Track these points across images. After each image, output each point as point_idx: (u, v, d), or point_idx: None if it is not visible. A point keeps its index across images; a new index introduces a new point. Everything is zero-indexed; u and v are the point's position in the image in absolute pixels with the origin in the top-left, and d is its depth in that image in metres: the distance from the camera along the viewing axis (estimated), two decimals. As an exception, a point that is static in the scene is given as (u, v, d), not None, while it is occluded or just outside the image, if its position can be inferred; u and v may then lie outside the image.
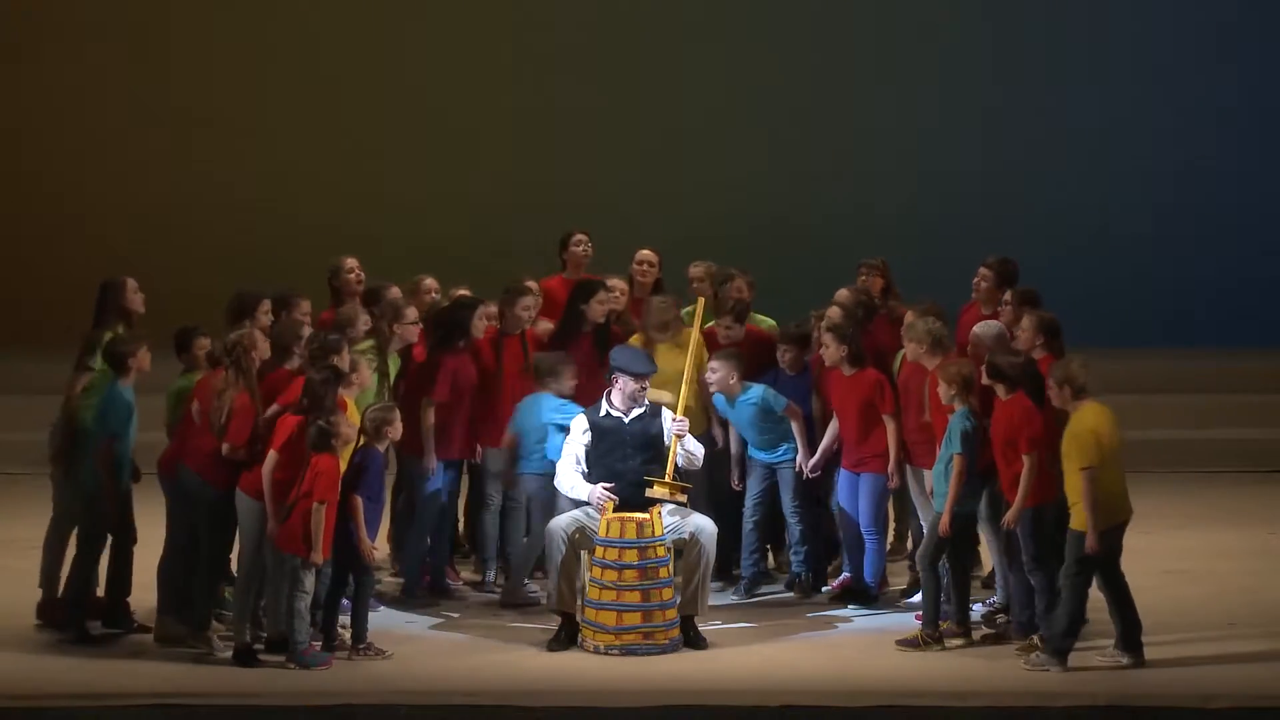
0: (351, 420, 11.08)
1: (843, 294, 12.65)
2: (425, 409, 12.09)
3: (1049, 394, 10.89)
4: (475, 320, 12.31)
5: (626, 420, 11.57)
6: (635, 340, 12.47)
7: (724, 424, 12.58)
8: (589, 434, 11.56)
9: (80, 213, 20.88)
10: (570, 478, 11.57)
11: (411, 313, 12.20)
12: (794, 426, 12.21)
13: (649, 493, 11.37)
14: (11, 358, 17.02)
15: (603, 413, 11.59)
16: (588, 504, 11.42)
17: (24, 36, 21.02)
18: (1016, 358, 11.21)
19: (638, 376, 11.53)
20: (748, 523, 12.44)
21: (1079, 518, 10.70)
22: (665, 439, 11.58)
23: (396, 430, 11.25)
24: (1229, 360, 19.24)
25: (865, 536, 12.08)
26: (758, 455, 12.41)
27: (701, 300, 12.29)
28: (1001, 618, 11.61)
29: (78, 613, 11.34)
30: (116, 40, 21.01)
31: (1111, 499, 10.72)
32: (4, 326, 19.37)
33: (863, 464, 12.07)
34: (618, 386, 11.58)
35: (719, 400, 12.31)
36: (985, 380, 11.14)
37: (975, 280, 12.75)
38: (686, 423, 11.67)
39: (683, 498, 11.47)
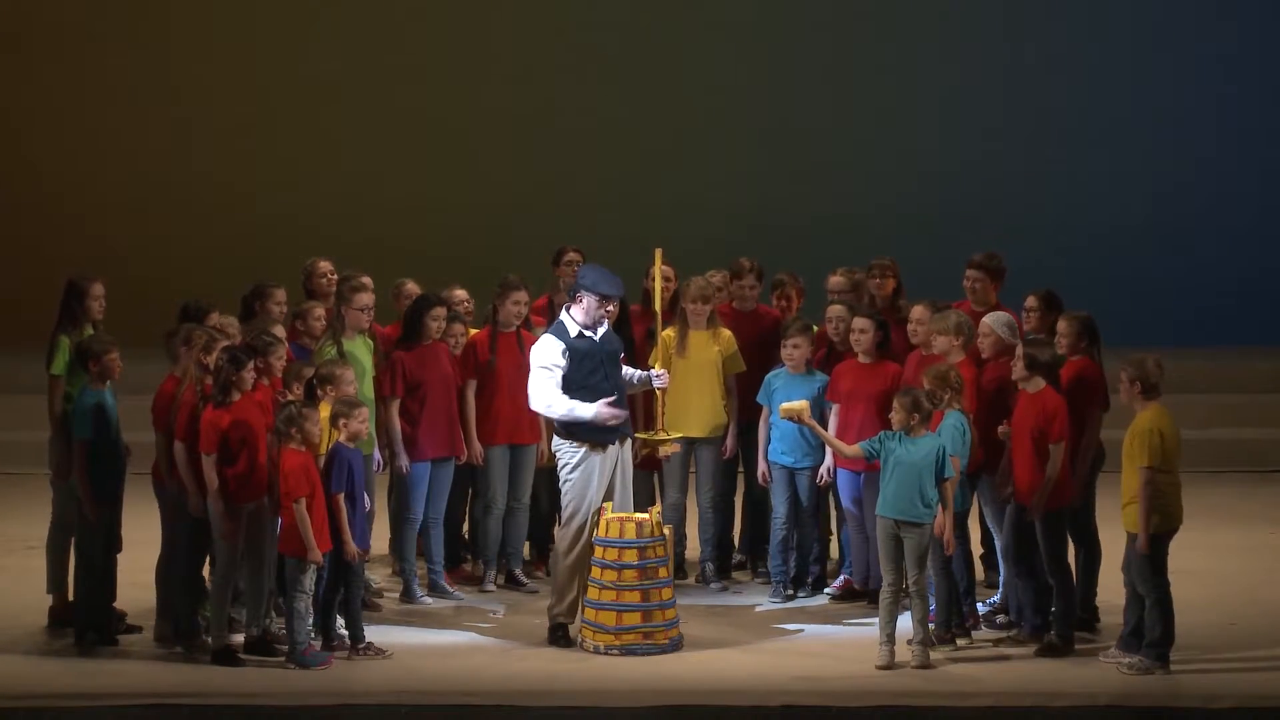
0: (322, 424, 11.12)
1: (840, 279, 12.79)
2: (385, 408, 12.16)
3: (1120, 389, 10.83)
4: (427, 320, 12.24)
5: (598, 339, 11.43)
6: (669, 334, 12.42)
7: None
8: (568, 356, 11.33)
9: (80, 212, 20.86)
10: (565, 400, 11.25)
11: (359, 299, 12.15)
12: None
13: (651, 438, 11.54)
14: (11, 358, 17.00)
15: (575, 333, 11.37)
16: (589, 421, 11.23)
17: (24, 36, 21.00)
18: (1046, 349, 11.16)
19: (603, 298, 11.39)
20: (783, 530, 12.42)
21: (1130, 518, 10.69)
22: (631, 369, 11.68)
23: (357, 425, 11.17)
24: (1229, 360, 19.22)
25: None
26: (783, 460, 12.37)
27: (658, 251, 11.93)
28: (1002, 618, 11.63)
29: (88, 621, 11.29)
30: (117, 40, 20.99)
31: (1168, 503, 10.74)
32: (4, 326, 19.38)
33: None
34: (581, 305, 11.37)
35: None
36: (1023, 372, 11.08)
37: (968, 282, 12.58)
38: (666, 375, 11.59)
39: (677, 447, 11.73)
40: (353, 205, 20.67)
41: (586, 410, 11.24)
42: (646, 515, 11.32)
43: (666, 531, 11.38)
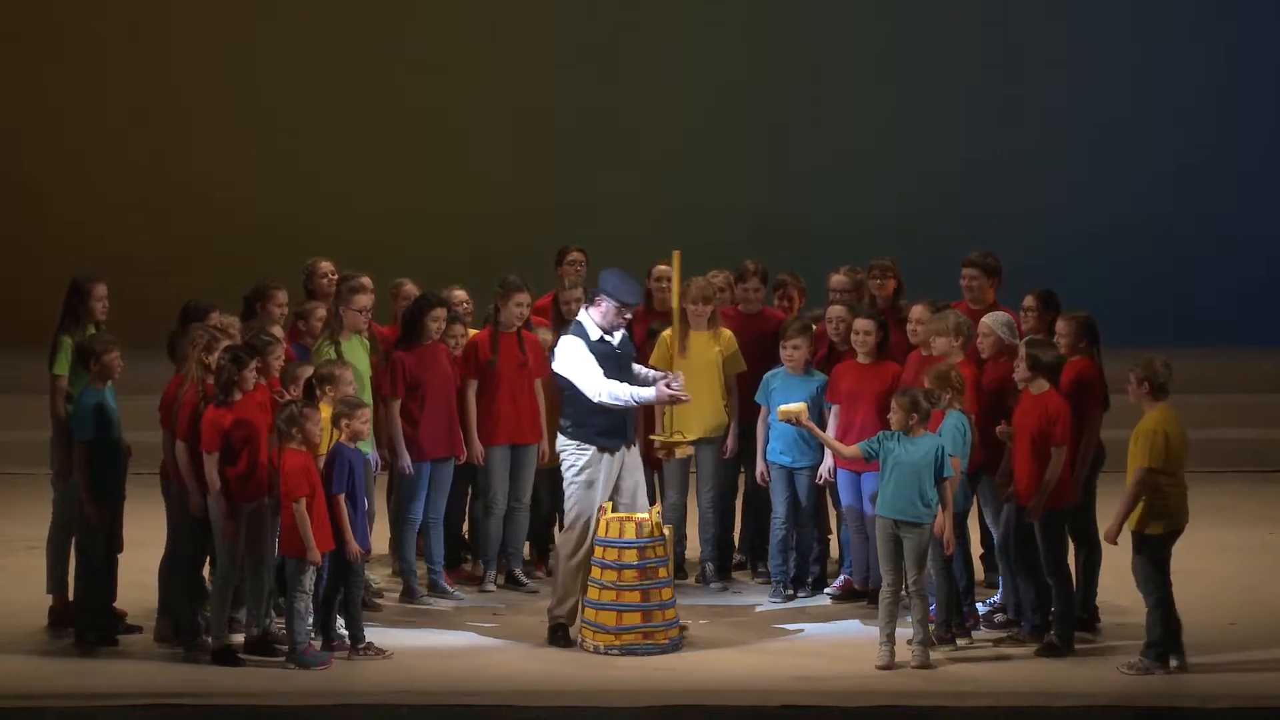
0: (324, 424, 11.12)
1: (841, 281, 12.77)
2: (385, 407, 12.16)
3: (1129, 389, 10.82)
4: (427, 320, 12.22)
5: (616, 344, 11.42)
6: (669, 334, 12.40)
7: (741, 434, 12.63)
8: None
9: (80, 212, 20.87)
10: (622, 386, 11.17)
11: (358, 300, 12.14)
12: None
13: (668, 439, 11.48)
14: (11, 358, 17.01)
15: (596, 337, 11.32)
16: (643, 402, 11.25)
17: (24, 35, 21.00)
18: (1049, 350, 11.15)
19: (623, 306, 11.37)
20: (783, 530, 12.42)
21: (1134, 519, 10.67)
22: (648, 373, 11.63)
23: (359, 425, 11.15)
24: (1229, 360, 19.21)
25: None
26: (782, 460, 12.36)
27: (676, 253, 11.77)
28: (1001, 617, 11.63)
29: (88, 621, 11.28)
30: (116, 40, 21.00)
31: (1171, 505, 10.72)
32: (4, 326, 19.38)
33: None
34: (599, 309, 11.34)
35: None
36: (1026, 373, 11.07)
37: (965, 281, 12.54)
38: (681, 376, 11.42)
39: (690, 449, 11.72)
40: (353, 205, 20.68)
41: (648, 393, 11.25)
42: (646, 515, 11.31)
43: (666, 531, 11.37)
